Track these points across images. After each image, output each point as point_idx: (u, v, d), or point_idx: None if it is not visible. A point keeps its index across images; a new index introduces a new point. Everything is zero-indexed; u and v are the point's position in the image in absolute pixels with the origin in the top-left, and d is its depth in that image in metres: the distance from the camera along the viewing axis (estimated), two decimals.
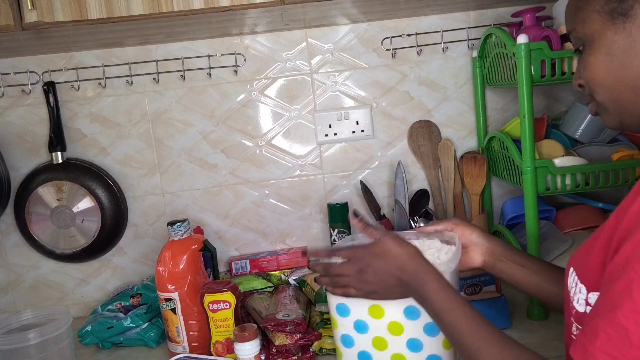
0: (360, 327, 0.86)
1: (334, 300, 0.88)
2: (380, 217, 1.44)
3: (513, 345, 0.69)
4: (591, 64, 0.68)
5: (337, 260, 0.86)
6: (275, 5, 1.11)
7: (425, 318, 0.83)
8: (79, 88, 1.41)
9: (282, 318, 1.07)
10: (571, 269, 0.68)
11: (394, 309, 0.83)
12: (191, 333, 1.13)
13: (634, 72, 0.64)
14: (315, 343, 1.08)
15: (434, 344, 0.85)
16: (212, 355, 1.08)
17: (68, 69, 1.40)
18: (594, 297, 0.61)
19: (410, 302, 0.83)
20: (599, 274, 0.60)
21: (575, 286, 0.66)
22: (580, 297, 0.64)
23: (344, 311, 0.88)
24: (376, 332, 0.85)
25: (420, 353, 0.85)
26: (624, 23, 0.64)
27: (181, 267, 1.12)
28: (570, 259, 0.70)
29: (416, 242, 0.92)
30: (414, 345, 0.84)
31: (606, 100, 0.69)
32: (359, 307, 0.86)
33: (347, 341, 0.89)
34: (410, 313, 0.83)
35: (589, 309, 0.62)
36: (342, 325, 0.88)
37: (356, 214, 0.89)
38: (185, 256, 1.13)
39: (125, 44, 1.39)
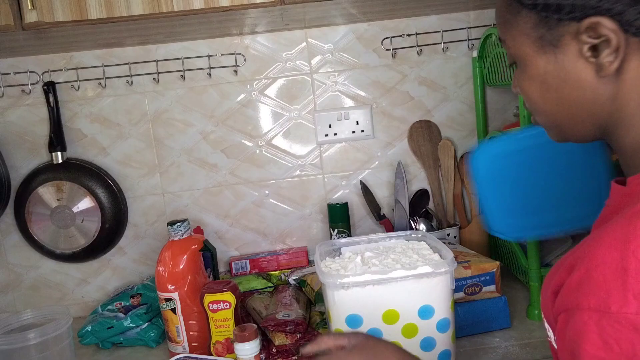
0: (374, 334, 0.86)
1: (342, 312, 0.87)
2: (380, 217, 1.44)
3: None
4: (526, 89, 0.63)
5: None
6: (275, 5, 1.11)
7: (438, 315, 0.84)
8: (79, 88, 1.41)
9: (282, 318, 1.07)
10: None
11: (408, 311, 0.83)
12: (191, 333, 1.13)
13: (572, 102, 0.60)
14: None
15: (445, 340, 0.86)
16: (212, 355, 1.08)
17: (68, 69, 1.40)
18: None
19: (424, 302, 0.84)
20: (552, 319, 0.57)
21: (544, 320, 0.62)
22: (551, 335, 0.61)
23: (355, 322, 0.87)
24: (389, 338, 0.85)
25: (433, 351, 0.85)
26: (555, 54, 0.58)
27: (181, 267, 1.12)
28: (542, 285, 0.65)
29: (407, 243, 0.92)
30: (427, 344, 0.85)
31: (547, 124, 0.65)
32: (371, 317, 0.86)
33: None
34: (424, 313, 0.84)
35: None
36: None
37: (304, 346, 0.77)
38: (185, 256, 1.13)
39: (125, 44, 1.39)
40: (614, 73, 0.56)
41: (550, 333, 0.61)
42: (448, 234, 1.39)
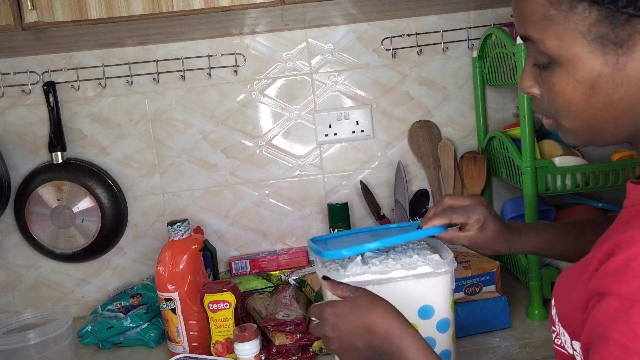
0: None
1: None
2: (380, 217, 1.44)
3: None
4: (568, 93, 0.56)
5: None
6: (275, 5, 1.11)
7: (438, 315, 0.84)
8: (79, 88, 1.41)
9: (282, 318, 1.07)
10: (552, 301, 0.64)
11: (408, 311, 0.83)
12: (191, 333, 1.13)
13: (622, 108, 0.54)
14: (316, 343, 1.07)
15: (445, 339, 0.86)
16: (212, 355, 1.08)
17: (68, 69, 1.40)
18: (577, 344, 0.57)
19: (424, 302, 0.83)
20: (580, 323, 0.55)
21: (558, 325, 0.61)
22: (565, 340, 0.60)
23: None
24: None
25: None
26: (617, 55, 0.52)
27: (181, 267, 1.12)
28: (555, 287, 0.64)
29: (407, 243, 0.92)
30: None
31: (577, 129, 0.59)
32: None
33: None
34: (424, 313, 0.84)
35: (576, 354, 0.58)
36: None
37: (325, 278, 0.82)
38: (185, 256, 1.13)
39: (125, 44, 1.39)
40: None
41: (561, 331, 0.60)
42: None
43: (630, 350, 0.47)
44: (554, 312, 0.63)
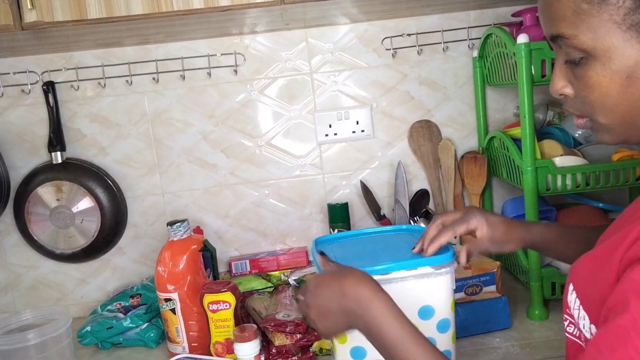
0: None
1: None
2: (380, 217, 1.44)
3: None
4: (605, 85, 0.56)
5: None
6: (275, 4, 1.11)
7: (438, 316, 0.83)
8: (78, 88, 1.41)
9: (282, 318, 1.07)
10: (571, 287, 0.64)
11: (408, 312, 0.83)
12: (191, 333, 1.12)
13: None
14: (315, 343, 1.07)
15: (445, 340, 0.86)
16: (212, 355, 1.08)
17: (67, 69, 1.40)
18: (594, 329, 0.58)
19: (424, 302, 0.83)
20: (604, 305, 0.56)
21: (578, 309, 0.61)
22: (585, 324, 0.60)
23: None
24: None
25: None
26: None
27: (181, 267, 1.12)
28: (570, 272, 0.65)
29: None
30: None
31: (614, 124, 0.59)
32: None
33: (359, 353, 0.88)
34: (424, 313, 0.83)
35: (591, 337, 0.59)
36: (353, 338, 0.87)
37: (322, 253, 0.85)
38: (185, 256, 1.13)
39: (125, 44, 1.39)
40: None
41: (582, 314, 0.59)
42: None
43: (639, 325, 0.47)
44: (571, 297, 0.62)
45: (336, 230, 1.41)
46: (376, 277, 0.86)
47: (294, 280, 1.32)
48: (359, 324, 0.70)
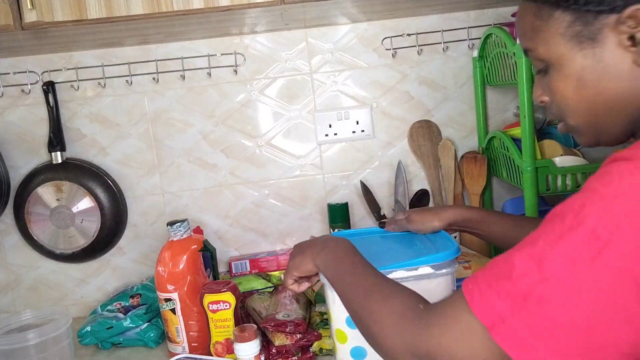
0: None
1: (343, 313, 0.87)
2: (380, 217, 1.44)
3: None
4: (561, 89, 0.64)
5: None
6: (275, 4, 1.11)
7: None
8: (78, 88, 1.41)
9: (282, 318, 1.07)
10: None
11: None
12: (191, 333, 1.12)
13: (610, 96, 0.61)
14: (315, 343, 1.07)
15: None
16: (212, 355, 1.08)
17: (67, 69, 1.40)
18: None
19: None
20: None
21: None
22: None
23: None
24: None
25: None
26: (592, 48, 0.60)
27: (181, 267, 1.12)
28: None
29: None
30: None
31: (580, 124, 0.66)
32: None
33: (359, 353, 0.88)
34: None
35: None
36: (353, 339, 0.87)
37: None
38: (184, 256, 1.13)
39: (125, 44, 1.39)
40: None
41: None
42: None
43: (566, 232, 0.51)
44: None
45: (336, 231, 1.41)
46: None
47: None
48: (318, 259, 0.81)
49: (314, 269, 0.85)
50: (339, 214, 1.41)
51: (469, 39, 1.43)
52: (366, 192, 1.45)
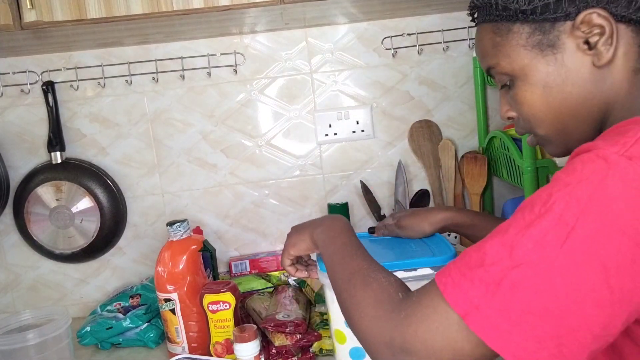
0: None
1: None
2: (380, 217, 1.43)
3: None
4: (528, 99, 0.66)
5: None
6: (275, 4, 1.11)
7: None
8: (78, 88, 1.41)
9: (282, 319, 1.06)
10: None
11: None
12: (190, 334, 1.12)
13: (574, 100, 0.63)
14: (315, 344, 1.07)
15: None
16: (211, 356, 1.08)
17: (67, 69, 1.40)
18: None
19: None
20: None
21: None
22: None
23: None
24: None
25: None
26: (554, 54, 0.63)
27: (180, 267, 1.12)
28: None
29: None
30: None
31: (550, 133, 0.67)
32: None
33: (358, 354, 0.88)
34: None
35: None
36: (352, 339, 0.87)
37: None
38: (184, 256, 1.13)
39: (125, 44, 1.39)
40: (609, 61, 0.61)
41: None
42: (449, 235, 1.38)
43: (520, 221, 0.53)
44: None
45: None
46: None
47: (294, 280, 1.31)
48: (323, 236, 0.82)
49: (310, 246, 0.87)
50: (339, 214, 1.41)
51: (469, 39, 1.42)
52: (366, 192, 1.45)
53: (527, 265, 0.50)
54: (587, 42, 0.61)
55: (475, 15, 0.70)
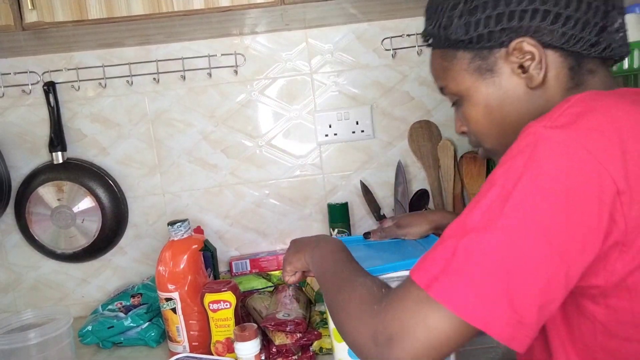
0: None
1: None
2: (380, 217, 1.44)
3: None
4: (473, 117, 0.73)
5: None
6: (275, 5, 1.12)
7: None
8: (79, 88, 1.41)
9: (282, 318, 1.07)
10: None
11: None
12: (191, 333, 1.13)
13: (514, 117, 0.69)
14: (316, 343, 1.08)
15: None
16: (212, 355, 1.08)
17: (68, 69, 1.40)
18: None
19: None
20: None
21: None
22: None
23: None
24: None
25: None
26: (492, 78, 0.69)
27: (181, 267, 1.12)
28: None
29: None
30: None
31: (495, 146, 0.73)
32: None
33: None
34: None
35: None
36: None
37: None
38: (185, 256, 1.13)
39: (126, 44, 1.39)
40: (541, 83, 0.67)
41: None
42: None
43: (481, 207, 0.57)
44: None
45: (336, 230, 1.41)
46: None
47: None
48: (316, 257, 0.85)
49: (305, 265, 0.90)
50: (338, 214, 1.42)
51: None
52: (366, 192, 1.45)
53: (475, 232, 0.56)
54: (521, 67, 0.67)
55: (430, 41, 0.76)
